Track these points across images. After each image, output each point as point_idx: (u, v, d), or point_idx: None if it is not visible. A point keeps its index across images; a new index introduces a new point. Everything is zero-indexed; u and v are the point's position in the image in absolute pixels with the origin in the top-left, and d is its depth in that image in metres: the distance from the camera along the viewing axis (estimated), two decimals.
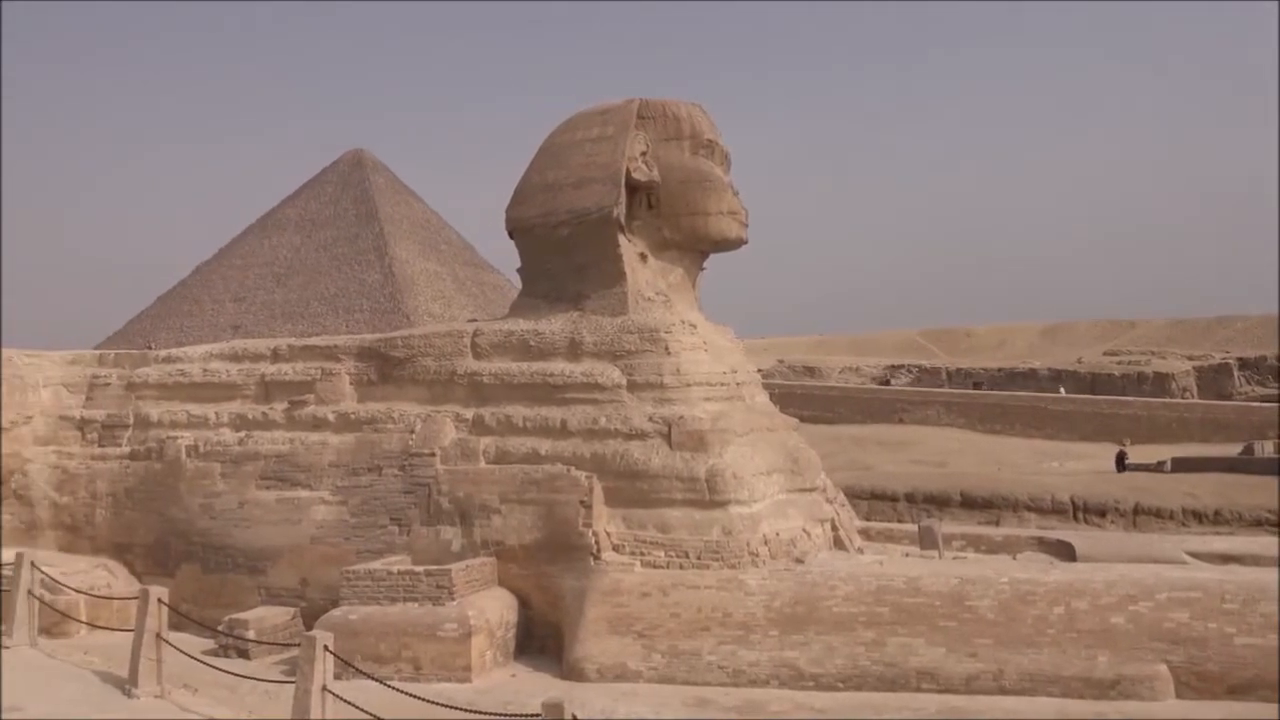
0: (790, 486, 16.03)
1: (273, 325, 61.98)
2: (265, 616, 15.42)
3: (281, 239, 69.44)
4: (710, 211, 16.81)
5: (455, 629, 13.41)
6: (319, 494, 16.59)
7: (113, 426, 19.30)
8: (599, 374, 15.77)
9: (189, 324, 66.01)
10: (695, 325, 16.69)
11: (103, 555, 18.19)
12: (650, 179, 16.80)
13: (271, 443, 17.41)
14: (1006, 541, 18.91)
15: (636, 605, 13.67)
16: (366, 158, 72.16)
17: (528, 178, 17.77)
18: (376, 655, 13.25)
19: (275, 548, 16.62)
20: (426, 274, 66.03)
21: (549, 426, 15.62)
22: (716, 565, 13.95)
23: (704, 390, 15.73)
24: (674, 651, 13.20)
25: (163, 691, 9.81)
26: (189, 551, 17.42)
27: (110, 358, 21.33)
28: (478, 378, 16.60)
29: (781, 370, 70.58)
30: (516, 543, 15.02)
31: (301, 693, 8.33)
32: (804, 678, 12.71)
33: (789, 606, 13.29)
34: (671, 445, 14.84)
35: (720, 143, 17.35)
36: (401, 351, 17.35)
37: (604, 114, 17.34)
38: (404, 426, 16.55)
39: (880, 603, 13.09)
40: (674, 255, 17.35)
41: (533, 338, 16.55)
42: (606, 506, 14.76)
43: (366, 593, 14.03)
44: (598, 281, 16.71)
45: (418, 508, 15.81)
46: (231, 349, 19.89)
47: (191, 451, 17.87)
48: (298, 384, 18.04)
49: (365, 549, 15.82)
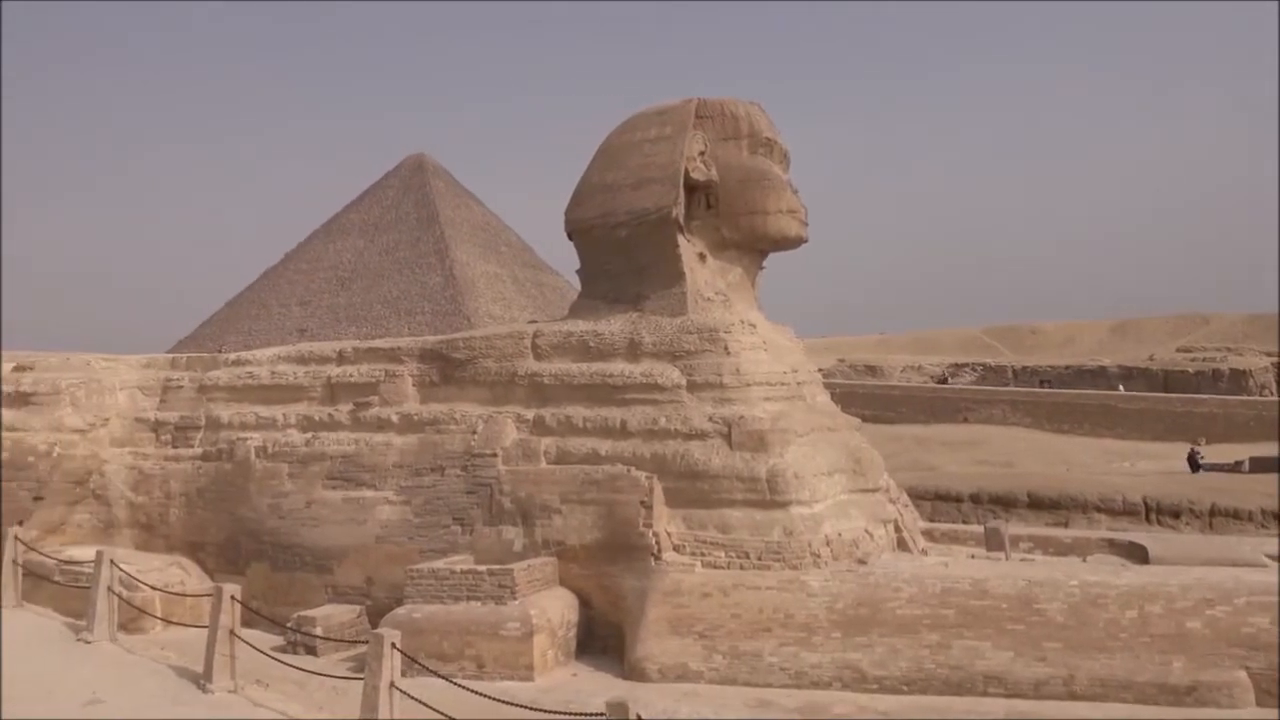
0: (852, 487, 15.86)
1: (337, 328, 63.18)
2: (332, 614, 15.70)
3: (345, 243, 70.75)
4: (769, 210, 16.70)
5: (518, 628, 13.51)
6: (384, 494, 16.85)
7: (185, 428, 19.82)
8: (659, 374, 15.77)
9: (257, 327, 67.60)
10: (755, 325, 16.60)
11: (176, 553, 18.69)
12: (709, 178, 16.75)
13: (337, 444, 17.73)
14: (1076, 543, 18.48)
15: (697, 606, 13.64)
16: (427, 162, 73.20)
17: (586, 179, 17.85)
18: (440, 653, 13.41)
19: (341, 547, 16.92)
20: (487, 276, 66.75)
21: (609, 427, 15.66)
22: (778, 566, 13.86)
23: (764, 390, 15.64)
24: (735, 652, 13.14)
25: (236, 686, 10.05)
26: (258, 550, 17.81)
27: (182, 361, 21.93)
28: (538, 379, 16.71)
29: (842, 369, 69.92)
30: (577, 542, 15.08)
31: (370, 689, 8.46)
32: (867, 680, 12.57)
33: (852, 608, 13.15)
34: (732, 445, 14.78)
35: (779, 141, 17.23)
36: (463, 353, 17.54)
37: (662, 114, 17.35)
38: (466, 427, 16.73)
39: (945, 605, 12.88)
40: (733, 255, 17.27)
41: (592, 338, 16.61)
42: (667, 507, 14.76)
43: (430, 591, 14.21)
44: (657, 282, 16.71)
45: (480, 508, 15.97)
46: (298, 352, 20.29)
47: (260, 452, 18.27)
48: (362, 386, 18.34)
49: (429, 548, 16.02)
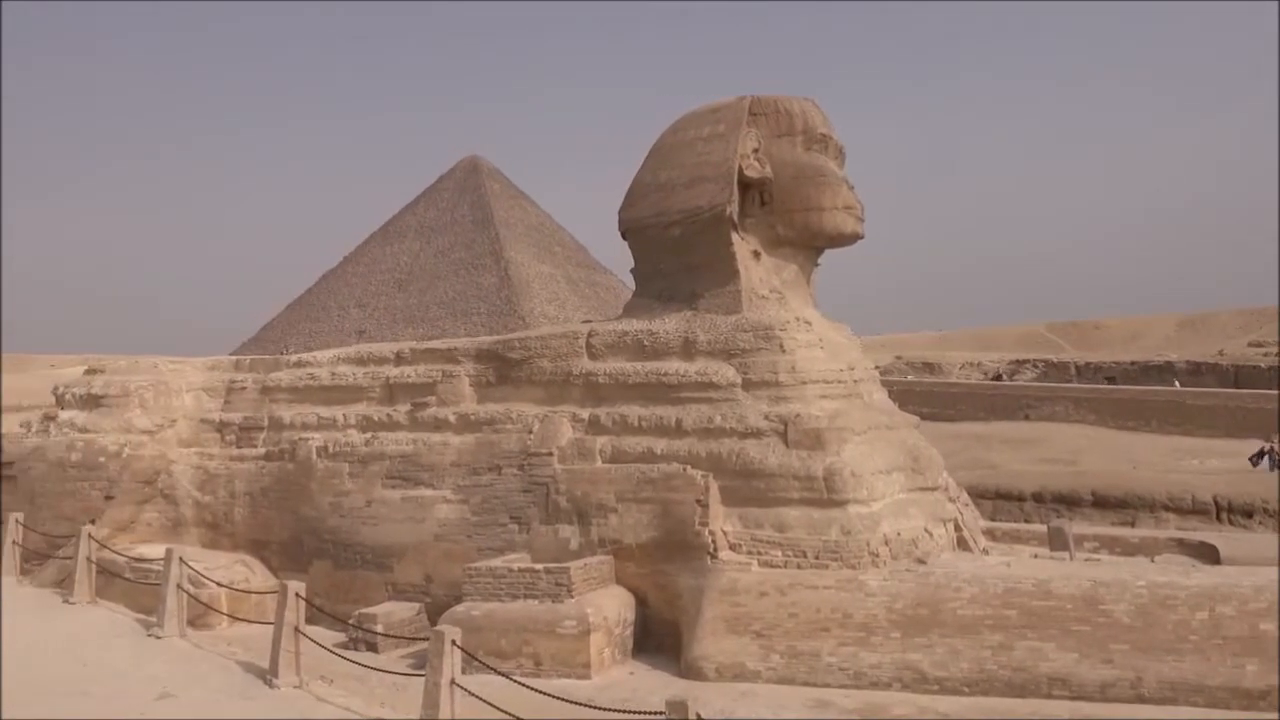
0: (911, 485, 15.66)
1: (395, 329, 64.03)
2: (392, 611, 15.92)
3: (401, 246, 71.68)
4: (824, 207, 16.55)
5: (574, 626, 13.57)
6: (441, 493, 17.03)
7: (249, 429, 20.24)
8: (713, 373, 15.72)
9: (317, 329, 68.80)
10: (810, 322, 16.46)
11: (241, 551, 19.09)
12: (763, 176, 16.66)
13: (396, 443, 17.96)
14: (1143, 543, 18.04)
15: (754, 605, 13.57)
16: (482, 164, 73.85)
17: (640, 178, 17.86)
18: (498, 651, 13.50)
19: (401, 545, 17.14)
20: (541, 276, 67.16)
21: (664, 426, 15.65)
22: (835, 565, 13.73)
23: (820, 388, 15.51)
24: (793, 652, 13.05)
25: (301, 682, 10.24)
26: (320, 548, 18.12)
27: (246, 363, 22.40)
28: (593, 378, 16.76)
29: (900, 367, 69.06)
30: (633, 541, 15.10)
31: (431, 685, 8.57)
32: (928, 681, 12.40)
33: (911, 608, 12.98)
34: (788, 444, 14.68)
35: (834, 137, 17.07)
36: (518, 353, 17.66)
37: (715, 112, 17.29)
38: (522, 427, 16.85)
39: (1008, 605, 12.65)
40: (788, 252, 17.14)
41: (647, 337, 16.62)
42: (723, 505, 14.70)
43: (488, 589, 14.33)
44: (711, 280, 16.66)
45: (536, 506, 16.07)
46: (357, 353, 20.61)
47: (321, 452, 18.58)
48: (420, 386, 18.56)
49: (486, 546, 16.16)
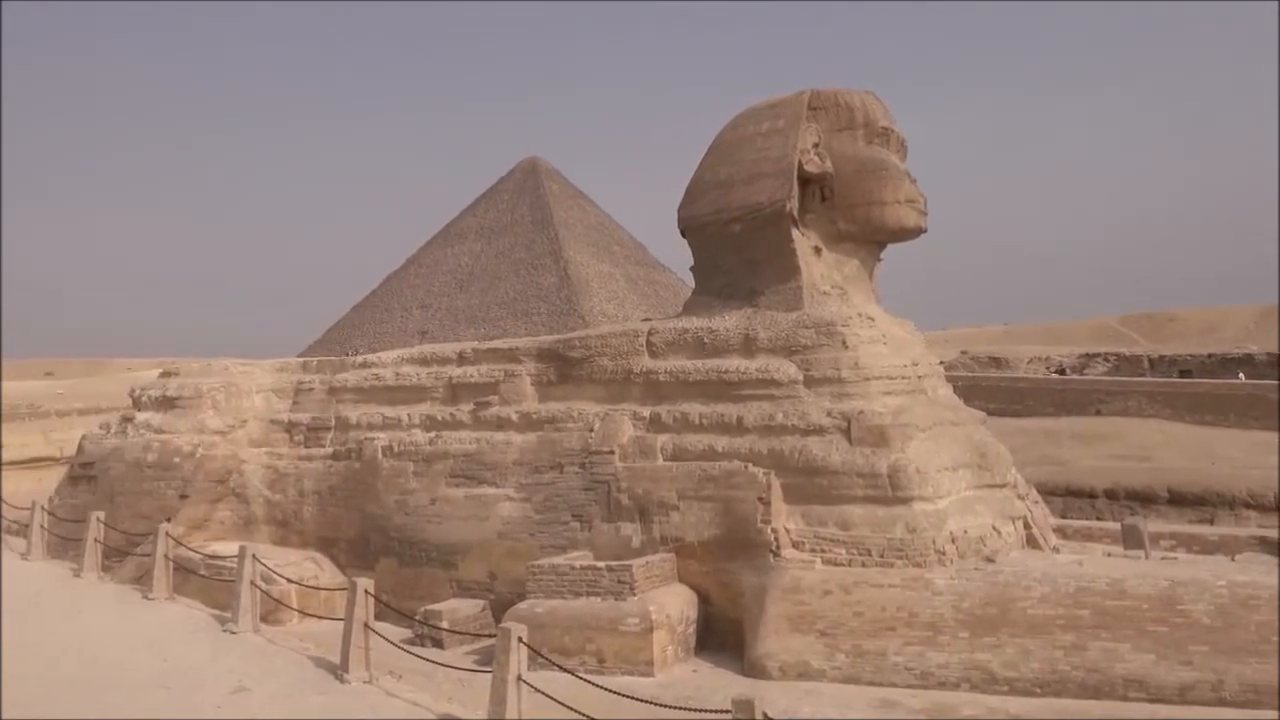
0: (978, 482, 15.38)
1: (457, 330, 64.72)
2: (457, 608, 16.11)
3: (462, 247, 72.44)
4: (886, 200, 16.33)
5: (637, 624, 13.59)
6: (504, 491, 17.19)
7: (316, 429, 20.65)
8: (774, 370, 15.62)
9: (381, 330, 69.83)
10: (873, 318, 16.26)
11: (310, 549, 19.49)
12: (823, 170, 16.50)
13: (459, 442, 18.17)
14: (1223, 541, 17.47)
15: (818, 603, 13.46)
16: (540, 165, 74.32)
17: (699, 175, 17.81)
18: (562, 648, 13.58)
19: (465, 543, 17.34)
20: (600, 275, 67.38)
21: (725, 423, 15.59)
22: (901, 563, 13.56)
23: (884, 384, 15.31)
24: (858, 651, 12.91)
25: (371, 677, 10.42)
26: (387, 546, 18.41)
27: (313, 364, 22.86)
28: (654, 376, 16.77)
29: (965, 362, 67.83)
30: (695, 539, 15.07)
31: (498, 681, 8.64)
32: (997, 681, 12.17)
33: (980, 607, 12.75)
34: (851, 441, 14.53)
35: (896, 130, 16.84)
36: (579, 352, 17.75)
37: (774, 107, 17.17)
38: (583, 425, 16.92)
39: (1080, 605, 12.36)
40: (849, 247, 16.95)
41: (707, 335, 16.57)
42: (785, 503, 14.60)
43: (551, 587, 14.42)
44: (771, 277, 16.55)
45: (598, 504, 16.13)
46: (420, 353, 20.90)
47: (387, 451, 18.88)
48: (482, 385, 18.75)
49: (549, 544, 16.27)
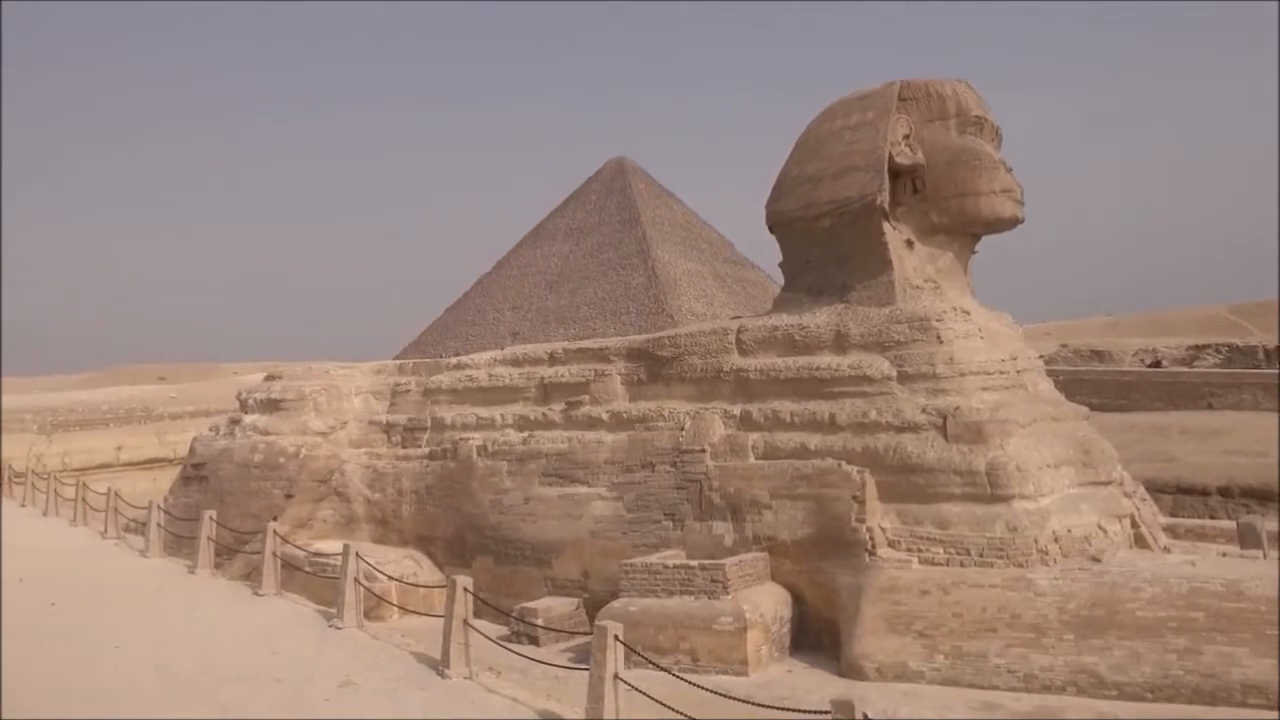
0: (1082, 480, 14.90)
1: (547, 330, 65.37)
2: (552, 606, 16.30)
3: (552, 248, 73.11)
4: (981, 191, 15.94)
5: (731, 623, 13.55)
6: (596, 490, 17.34)
7: (413, 429, 21.15)
8: (867, 366, 15.40)
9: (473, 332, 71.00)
10: (968, 311, 15.89)
11: (408, 547, 19.97)
12: (915, 162, 16.19)
13: (552, 442, 18.39)
14: None
15: (915, 603, 13.22)
16: (627, 165, 74.54)
17: (787, 171, 17.67)
18: (655, 646, 13.62)
19: (558, 541, 17.54)
20: (688, 274, 67.25)
21: (817, 421, 15.44)
22: (1001, 563, 13.22)
23: (981, 379, 14.96)
24: (958, 653, 12.63)
25: (471, 673, 10.63)
26: (482, 544, 18.75)
27: (409, 366, 23.41)
28: (744, 374, 16.70)
29: (1066, 356, 65.61)
30: (788, 538, 14.96)
31: (595, 679, 8.73)
32: (1105, 685, 11.76)
33: (1086, 609, 12.34)
34: (947, 438, 14.23)
35: (989, 118, 16.42)
36: (669, 351, 17.78)
37: (863, 100, 16.91)
38: (674, 424, 16.95)
39: (1194, 607, 11.86)
40: (943, 240, 16.61)
41: (797, 332, 16.43)
42: (880, 502, 14.39)
43: (644, 585, 14.48)
44: (862, 272, 16.32)
45: (690, 503, 16.14)
46: (512, 354, 21.21)
47: (481, 451, 19.22)
48: (573, 385, 18.94)
49: (641, 543, 16.34)
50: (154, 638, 12.12)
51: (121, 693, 9.75)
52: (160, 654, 11.29)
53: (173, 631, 12.52)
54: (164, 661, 10.94)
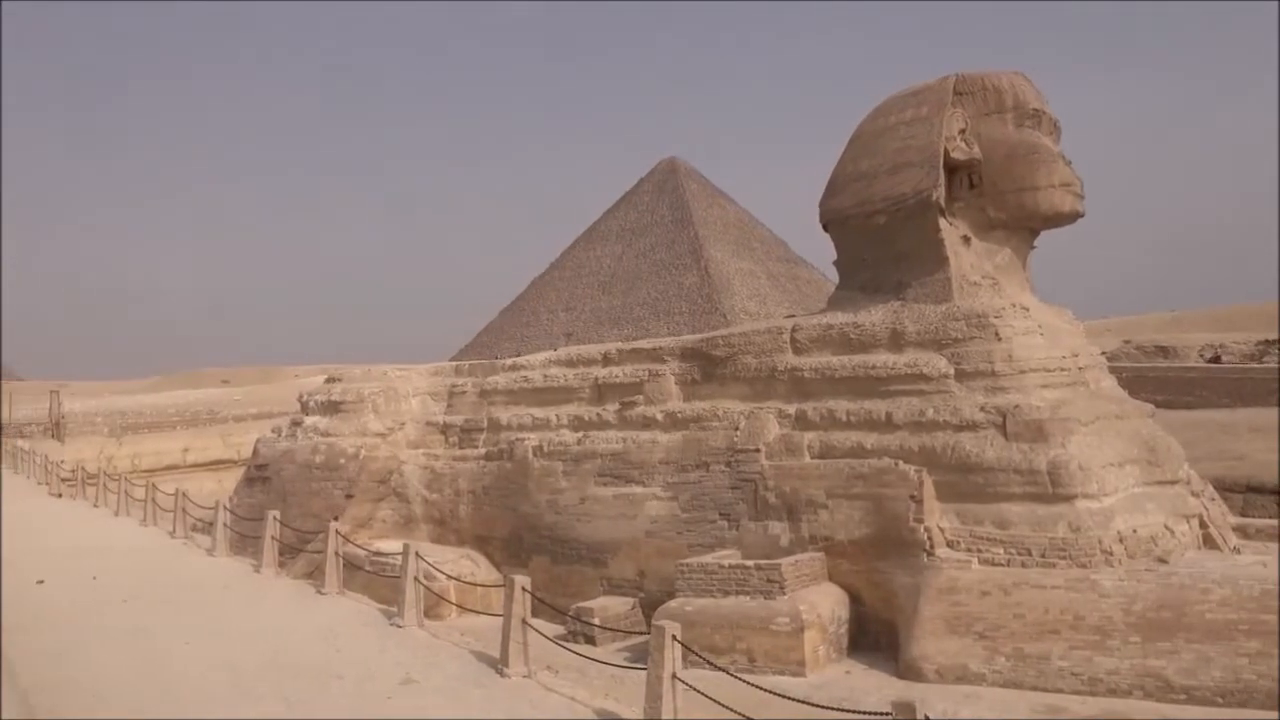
0: (1147, 479, 14.58)
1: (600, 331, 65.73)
2: (608, 605, 16.38)
3: (604, 249, 73.56)
4: (1040, 185, 15.68)
5: (788, 623, 13.50)
6: (651, 490, 17.38)
7: (470, 430, 21.38)
8: (924, 364, 15.23)
9: (528, 333, 71.65)
10: (1027, 308, 15.64)
11: (466, 546, 20.20)
12: (971, 157, 15.98)
13: (606, 442, 18.47)
14: None
15: (976, 604, 13.05)
16: (679, 165, 74.69)
17: (840, 168, 17.55)
18: (711, 646, 13.60)
19: (614, 541, 17.62)
20: (741, 273, 67.21)
21: (873, 420, 15.31)
22: (1064, 564, 12.99)
23: (1041, 376, 14.71)
24: (1019, 655, 12.45)
25: (529, 672, 10.73)
26: (538, 544, 18.90)
27: (465, 368, 23.67)
28: (799, 373, 16.62)
29: (1129, 352, 64.17)
30: (845, 538, 14.86)
31: (653, 679, 8.75)
32: (1173, 690, 11.50)
33: (1152, 611, 12.08)
34: (1007, 436, 14.02)
35: (1048, 111, 16.14)
36: (722, 350, 17.76)
37: (917, 95, 16.74)
38: (728, 424, 16.93)
39: (1266, 609, 11.54)
40: (1001, 235, 16.37)
41: (853, 330, 16.30)
42: (938, 501, 14.22)
43: (700, 585, 14.48)
44: (918, 269, 16.14)
45: (745, 503, 16.11)
46: (567, 355, 21.35)
47: (537, 451, 19.38)
48: (627, 385, 19.01)
49: (696, 543, 16.35)
50: (222, 634, 12.44)
51: (192, 687, 10.03)
52: (229, 650, 11.58)
53: (240, 628, 12.84)
54: (232, 657, 11.22)
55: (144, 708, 9.29)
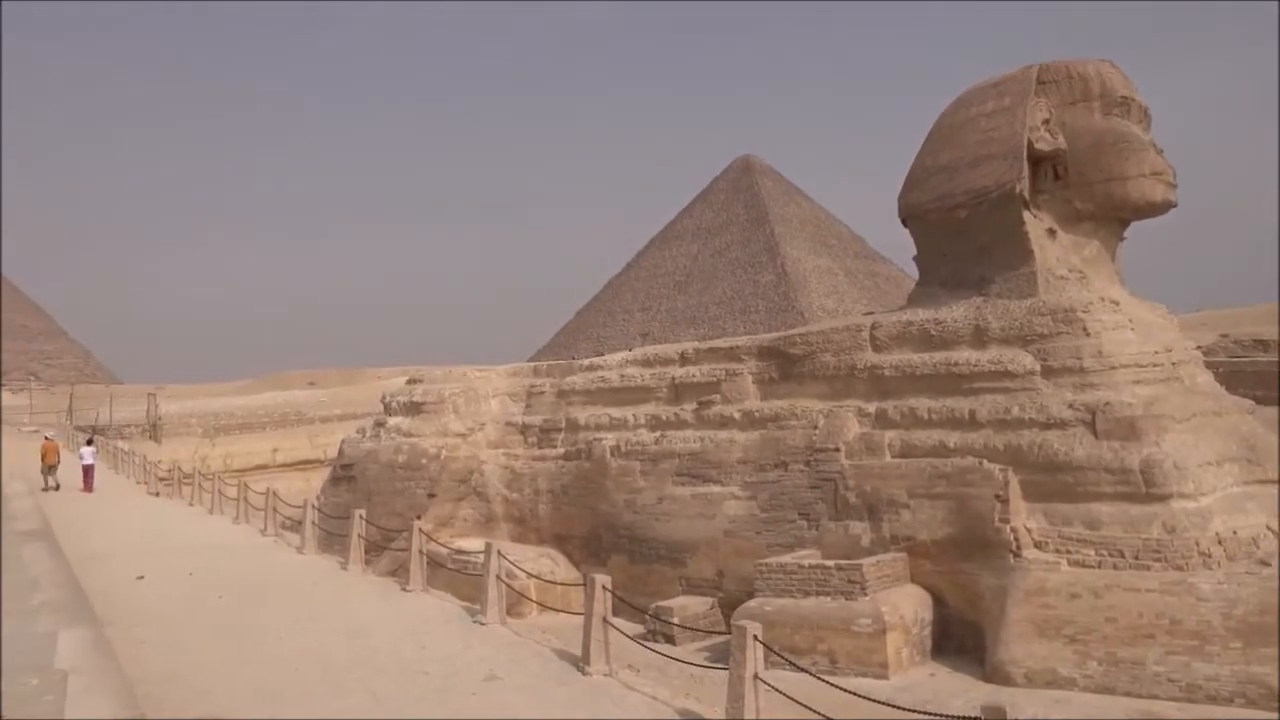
0: (1248, 478, 14.02)
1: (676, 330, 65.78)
2: (687, 605, 16.37)
3: (680, 248, 73.64)
4: (1129, 175, 15.20)
5: (869, 624, 13.32)
6: (729, 489, 17.32)
7: (548, 430, 21.59)
8: (1008, 361, 14.88)
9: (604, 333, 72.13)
10: (1117, 301, 15.18)
11: (545, 545, 20.41)
12: (1056, 147, 15.56)
13: (684, 441, 18.47)
14: None
15: (1065, 607, 12.70)
16: (754, 163, 74.38)
17: (920, 162, 17.26)
18: (792, 647, 13.50)
19: (692, 541, 17.61)
20: (818, 270, 66.61)
21: (956, 418, 15.02)
22: (1159, 566, 12.56)
23: (1132, 372, 14.25)
24: (1112, 659, 12.08)
25: (611, 670, 10.78)
26: (617, 543, 18.99)
27: (543, 368, 23.91)
28: (878, 371, 16.39)
29: (1226, 346, 61.66)
30: (927, 538, 14.61)
31: (735, 679, 8.72)
32: (1277, 697, 11.03)
33: (1255, 615, 11.59)
34: (1097, 434, 13.61)
35: (1137, 98, 15.64)
36: (800, 349, 17.61)
37: (998, 85, 16.37)
38: (807, 423, 16.79)
39: None
40: (1088, 227, 15.91)
41: (934, 327, 16.01)
42: (1024, 501, 13.89)
43: (779, 585, 14.39)
44: (1002, 263, 15.78)
45: (824, 503, 15.95)
46: (643, 355, 21.42)
47: (615, 451, 19.47)
48: (704, 385, 18.98)
49: (775, 543, 16.24)
50: (313, 630, 12.77)
51: (285, 680, 10.31)
52: (319, 645, 11.88)
53: (330, 624, 13.16)
54: (323, 652, 11.51)
55: (240, 699, 9.59)
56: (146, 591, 15.38)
